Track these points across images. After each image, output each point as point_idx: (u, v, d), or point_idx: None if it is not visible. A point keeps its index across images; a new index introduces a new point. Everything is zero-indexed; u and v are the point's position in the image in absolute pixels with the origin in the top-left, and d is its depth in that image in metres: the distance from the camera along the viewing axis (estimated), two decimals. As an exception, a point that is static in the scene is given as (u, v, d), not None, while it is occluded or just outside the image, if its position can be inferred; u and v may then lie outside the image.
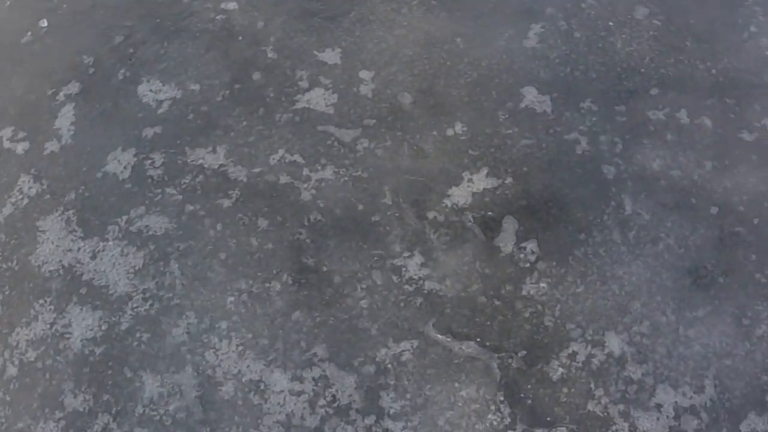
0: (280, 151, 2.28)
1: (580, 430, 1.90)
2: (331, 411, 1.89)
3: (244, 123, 2.37)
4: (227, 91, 2.44)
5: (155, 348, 2.02)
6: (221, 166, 2.30)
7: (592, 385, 1.91)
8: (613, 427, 1.91)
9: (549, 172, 2.18)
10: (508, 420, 1.90)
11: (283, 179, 2.23)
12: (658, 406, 1.93)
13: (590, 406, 1.92)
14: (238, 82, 2.45)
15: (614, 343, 1.95)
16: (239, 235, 2.19)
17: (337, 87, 2.40)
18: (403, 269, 2.04)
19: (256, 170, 2.26)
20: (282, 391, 1.92)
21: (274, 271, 2.10)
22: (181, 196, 2.26)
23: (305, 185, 2.17)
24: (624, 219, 2.12)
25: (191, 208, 2.22)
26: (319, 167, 2.21)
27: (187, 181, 2.28)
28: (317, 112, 2.37)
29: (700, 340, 1.98)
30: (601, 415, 1.92)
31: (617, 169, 2.18)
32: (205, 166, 2.30)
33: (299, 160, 2.24)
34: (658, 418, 1.93)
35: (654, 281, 2.02)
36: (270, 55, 2.48)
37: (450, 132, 2.26)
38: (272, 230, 2.19)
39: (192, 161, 2.30)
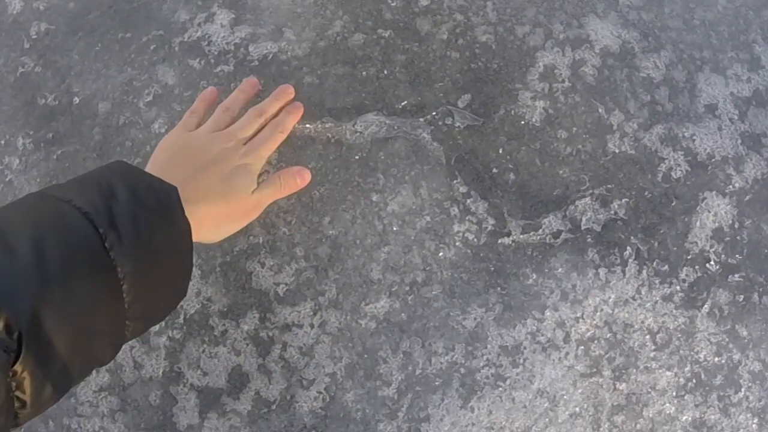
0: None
1: (616, 192, 0.77)
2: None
3: None
4: None
5: None
6: None
7: (601, 111, 0.52)
8: (663, 166, 0.79)
9: None
10: (492, 221, 0.54)
11: (-26, 0, 0.90)
12: (711, 109, 0.80)
13: (612, 146, 0.79)
14: None
15: (603, 33, 0.84)
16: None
17: None
18: (205, 42, 0.61)
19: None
20: None
21: (2, 142, 0.84)
22: None
23: (8, -9, 0.87)
24: None
25: None
26: (18, -47, 0.88)
27: None
28: None
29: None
30: (633, 153, 0.78)
31: None
32: None
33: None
34: (719, 127, 0.80)
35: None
36: None
37: None
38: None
39: None
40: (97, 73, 0.80)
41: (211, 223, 0.57)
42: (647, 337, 0.73)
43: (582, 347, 0.71)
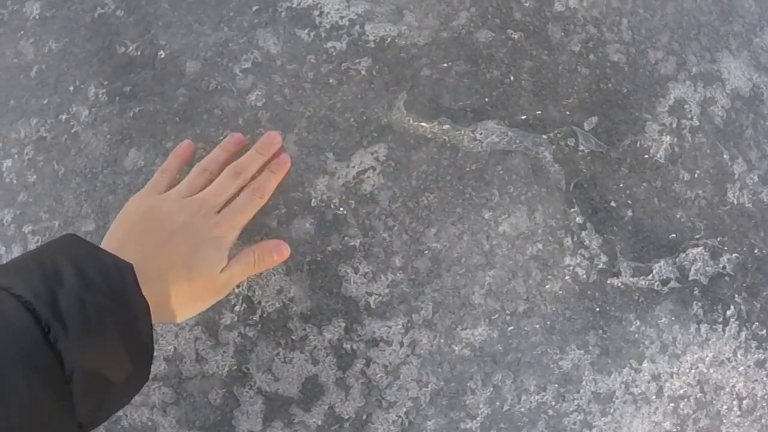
0: None
1: (728, 245, 0.52)
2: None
3: None
4: None
5: None
6: None
7: (726, 157, 0.47)
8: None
9: None
10: (604, 258, 0.46)
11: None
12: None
13: (731, 196, 0.75)
14: None
15: (735, 73, 0.72)
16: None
17: None
18: (316, 12, 0.51)
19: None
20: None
21: (71, 88, 0.70)
22: None
23: None
24: None
25: None
26: None
27: None
28: None
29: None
30: (750, 207, 0.72)
31: None
32: None
33: None
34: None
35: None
36: None
37: None
38: (54, 22, 0.72)
39: None
40: (188, 27, 0.70)
41: (172, 304, 0.48)
42: (735, 401, 0.68)
43: (672, 404, 0.66)
